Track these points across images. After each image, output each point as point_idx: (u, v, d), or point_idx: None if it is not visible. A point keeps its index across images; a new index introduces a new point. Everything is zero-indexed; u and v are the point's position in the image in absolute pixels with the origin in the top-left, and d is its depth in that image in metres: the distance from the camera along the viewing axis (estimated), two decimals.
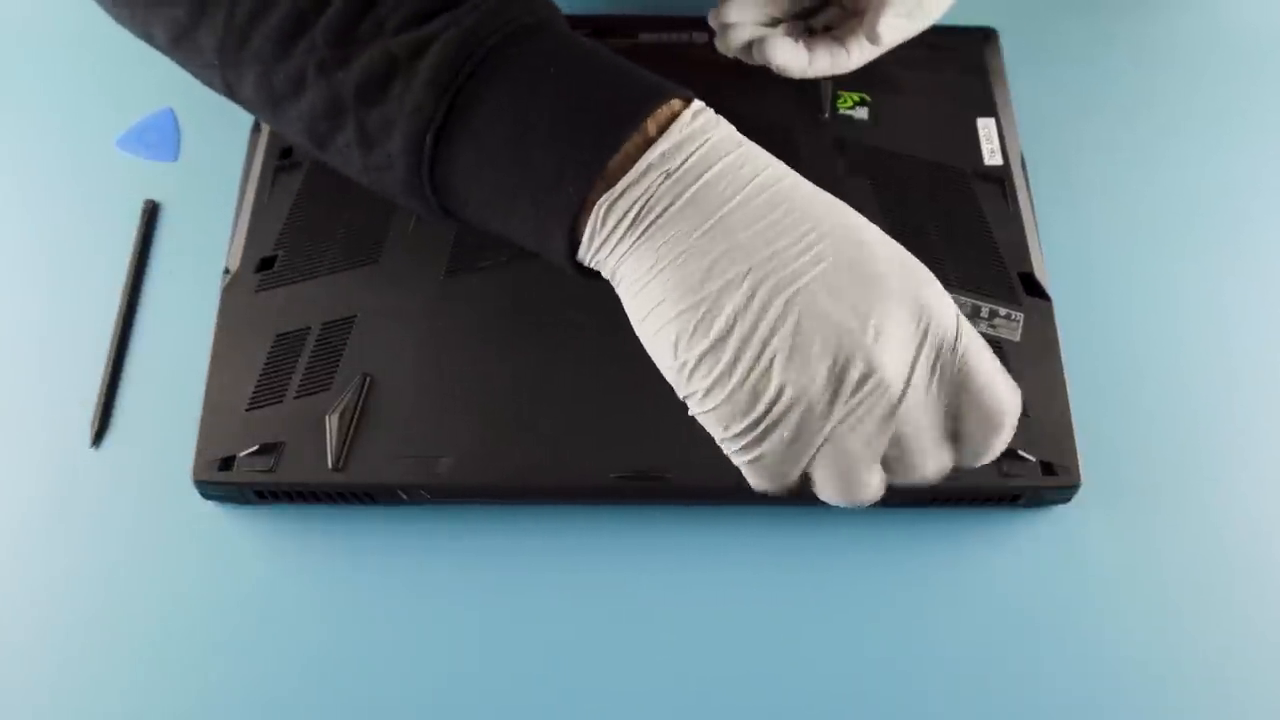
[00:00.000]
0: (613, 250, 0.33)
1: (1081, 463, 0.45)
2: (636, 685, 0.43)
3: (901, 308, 0.32)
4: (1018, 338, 0.48)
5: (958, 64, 0.55)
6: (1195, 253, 0.54)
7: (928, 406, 0.33)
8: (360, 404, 0.45)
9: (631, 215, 0.32)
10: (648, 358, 0.46)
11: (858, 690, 0.43)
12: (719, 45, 0.50)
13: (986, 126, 0.53)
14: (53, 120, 0.55)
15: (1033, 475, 0.45)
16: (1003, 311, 0.48)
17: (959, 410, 0.34)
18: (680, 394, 0.34)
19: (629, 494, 0.45)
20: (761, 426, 0.33)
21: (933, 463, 0.35)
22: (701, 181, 0.32)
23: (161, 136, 0.55)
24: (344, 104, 0.34)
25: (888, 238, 0.33)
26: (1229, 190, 0.55)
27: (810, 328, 0.31)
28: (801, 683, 0.44)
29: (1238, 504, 0.48)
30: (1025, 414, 0.45)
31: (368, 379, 0.45)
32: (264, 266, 0.48)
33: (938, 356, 0.32)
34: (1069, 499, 0.46)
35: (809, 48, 0.48)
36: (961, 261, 0.49)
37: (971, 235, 0.50)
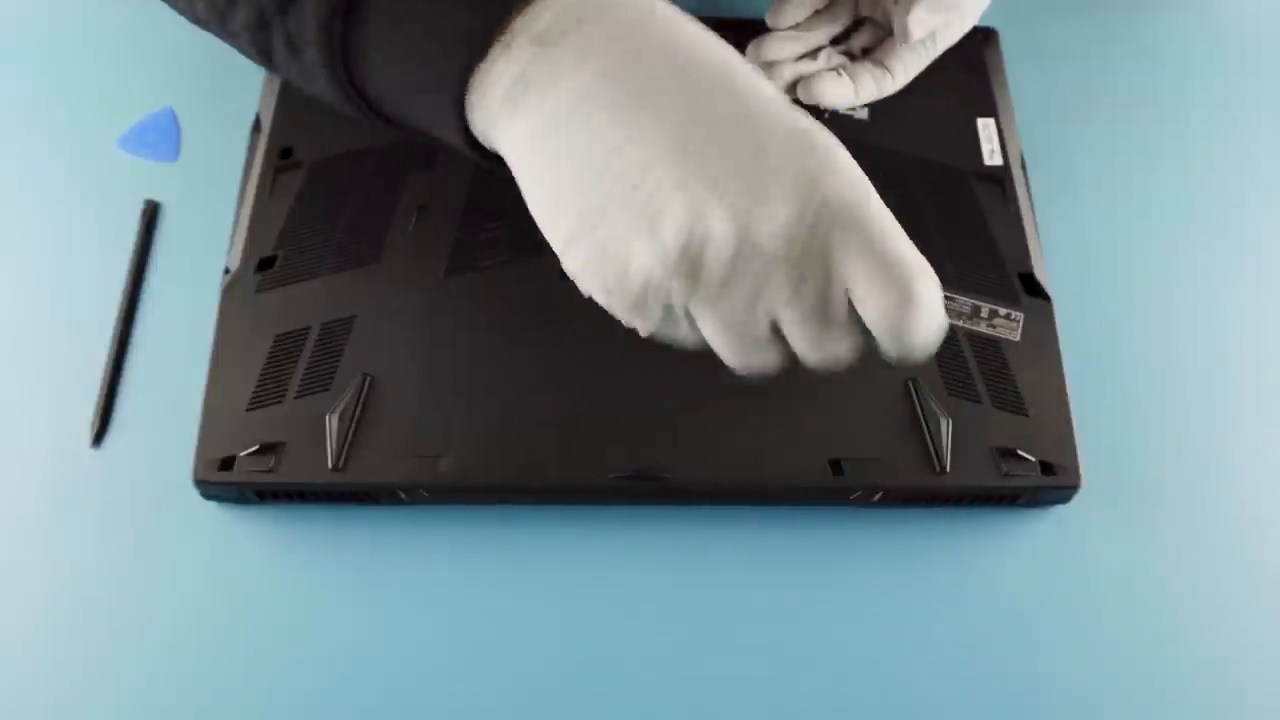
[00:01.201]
0: (500, 123, 0.33)
1: (1081, 463, 0.45)
2: (636, 685, 0.43)
3: (782, 177, 0.30)
4: (1018, 338, 0.48)
5: (958, 64, 0.55)
6: (1195, 253, 0.54)
7: (812, 281, 0.31)
8: (360, 404, 0.45)
9: (513, 90, 0.31)
10: (648, 358, 0.46)
11: (858, 690, 0.43)
12: (749, 56, 0.50)
13: (986, 126, 0.53)
14: (53, 120, 0.55)
15: (1033, 475, 0.45)
16: (1002, 311, 0.48)
17: (859, 287, 0.31)
18: (559, 252, 0.34)
19: (629, 494, 0.45)
20: (629, 303, 0.32)
21: (837, 342, 0.33)
22: (584, 48, 0.31)
23: (161, 136, 0.55)
24: (267, 14, 0.35)
25: (781, 102, 0.31)
26: (1229, 190, 0.55)
27: (674, 201, 0.30)
28: (801, 682, 0.44)
29: (1238, 504, 0.48)
30: (1025, 414, 0.46)
31: (368, 379, 0.45)
32: (264, 266, 0.48)
33: (823, 226, 0.30)
34: (1069, 499, 0.46)
35: (852, 76, 0.49)
36: (961, 261, 0.49)
37: (971, 235, 0.50)
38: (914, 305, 0.31)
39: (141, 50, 0.57)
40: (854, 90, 0.49)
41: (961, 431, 0.45)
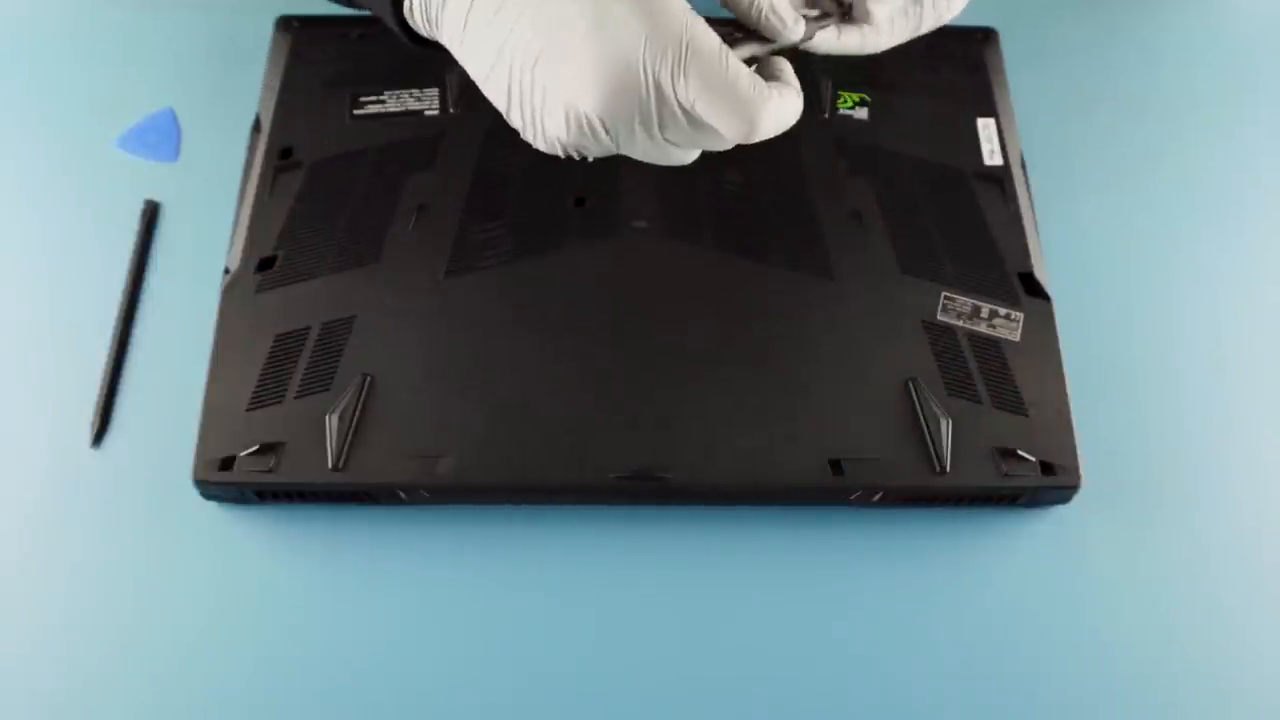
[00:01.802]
0: (436, 11, 0.38)
1: (1081, 463, 0.45)
2: (636, 684, 0.43)
3: (614, 57, 0.35)
4: (1018, 338, 0.48)
5: (958, 64, 0.56)
6: (1195, 253, 0.54)
7: (678, 123, 0.36)
8: (360, 404, 0.45)
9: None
10: (648, 359, 0.46)
11: (858, 690, 0.43)
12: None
13: (986, 126, 0.53)
14: (53, 120, 0.55)
15: (1033, 475, 0.45)
16: (1002, 311, 0.48)
17: (710, 116, 0.36)
18: None
19: (629, 494, 0.45)
20: (561, 154, 0.38)
21: (710, 142, 0.38)
22: None
23: (161, 136, 0.55)
24: None
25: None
26: (1229, 190, 0.56)
27: (554, 96, 0.36)
28: (801, 682, 0.44)
29: (1237, 504, 0.48)
30: (1025, 414, 0.46)
31: (368, 379, 0.45)
32: (264, 266, 0.48)
33: (662, 85, 0.35)
34: (1069, 499, 0.46)
35: (840, 30, 0.47)
36: (961, 261, 0.49)
37: (971, 235, 0.50)
38: (757, 127, 0.37)
39: (141, 50, 0.57)
40: (837, 32, 0.47)
41: (961, 431, 0.45)
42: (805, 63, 0.54)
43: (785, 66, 0.39)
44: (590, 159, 0.38)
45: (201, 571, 0.45)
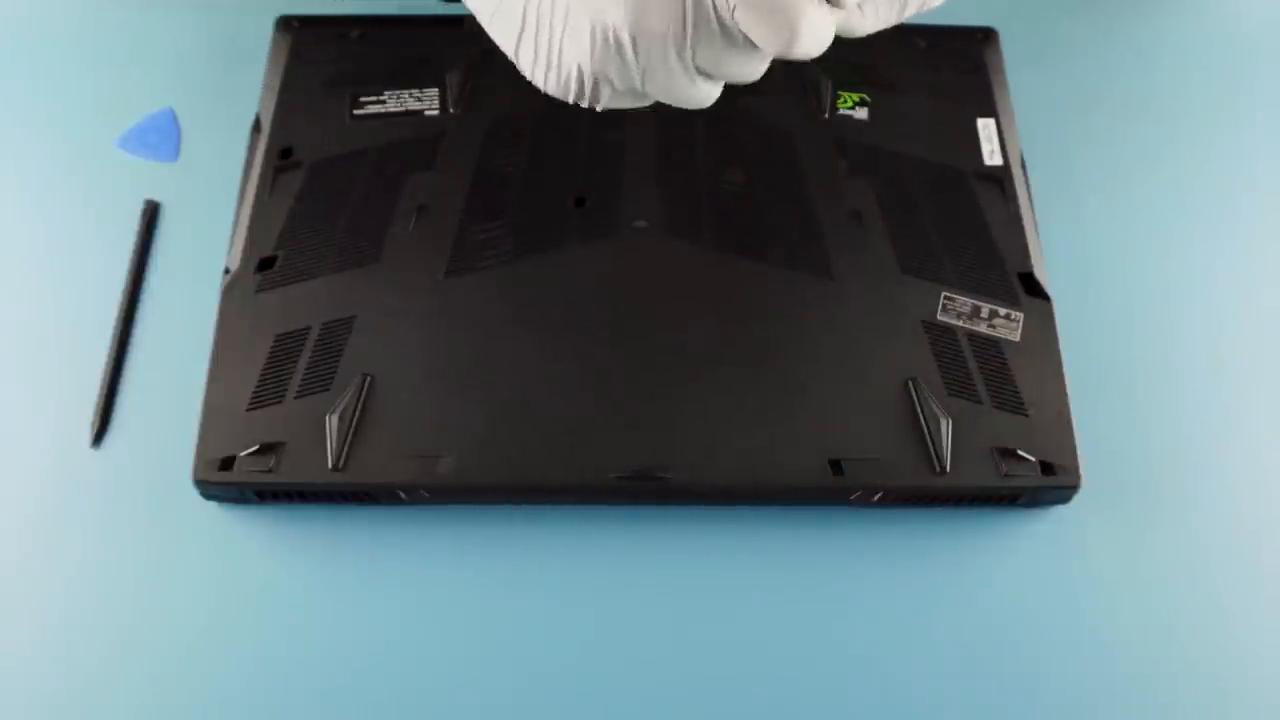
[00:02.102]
0: None
1: (1081, 463, 0.45)
2: (636, 685, 0.43)
3: None
4: (1018, 338, 0.48)
5: (958, 64, 0.56)
6: (1195, 252, 0.54)
7: (714, 37, 0.34)
8: (360, 404, 0.45)
9: None
10: (648, 358, 0.46)
11: (858, 690, 0.43)
12: None
13: (986, 126, 0.53)
14: (53, 120, 0.55)
15: (1033, 475, 0.45)
16: (1002, 311, 0.48)
17: (748, 26, 0.34)
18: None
19: (629, 494, 0.45)
20: (587, 100, 0.36)
21: (748, 65, 0.36)
22: None
23: (161, 136, 0.55)
24: None
25: None
26: (1229, 190, 0.55)
27: (579, 15, 0.34)
28: (801, 682, 0.44)
29: (1237, 504, 0.48)
30: (1025, 414, 0.46)
31: (368, 379, 0.45)
32: (264, 266, 0.48)
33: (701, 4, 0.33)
34: (1069, 499, 0.46)
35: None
36: (961, 261, 0.49)
37: (971, 235, 0.50)
38: (798, 42, 0.34)
39: (141, 50, 0.57)
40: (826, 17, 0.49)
41: (961, 431, 0.45)
42: (803, 63, 0.55)
43: None
44: (599, 107, 0.37)
45: (201, 571, 0.45)
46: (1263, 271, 0.53)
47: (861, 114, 0.53)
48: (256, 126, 0.52)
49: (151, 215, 0.52)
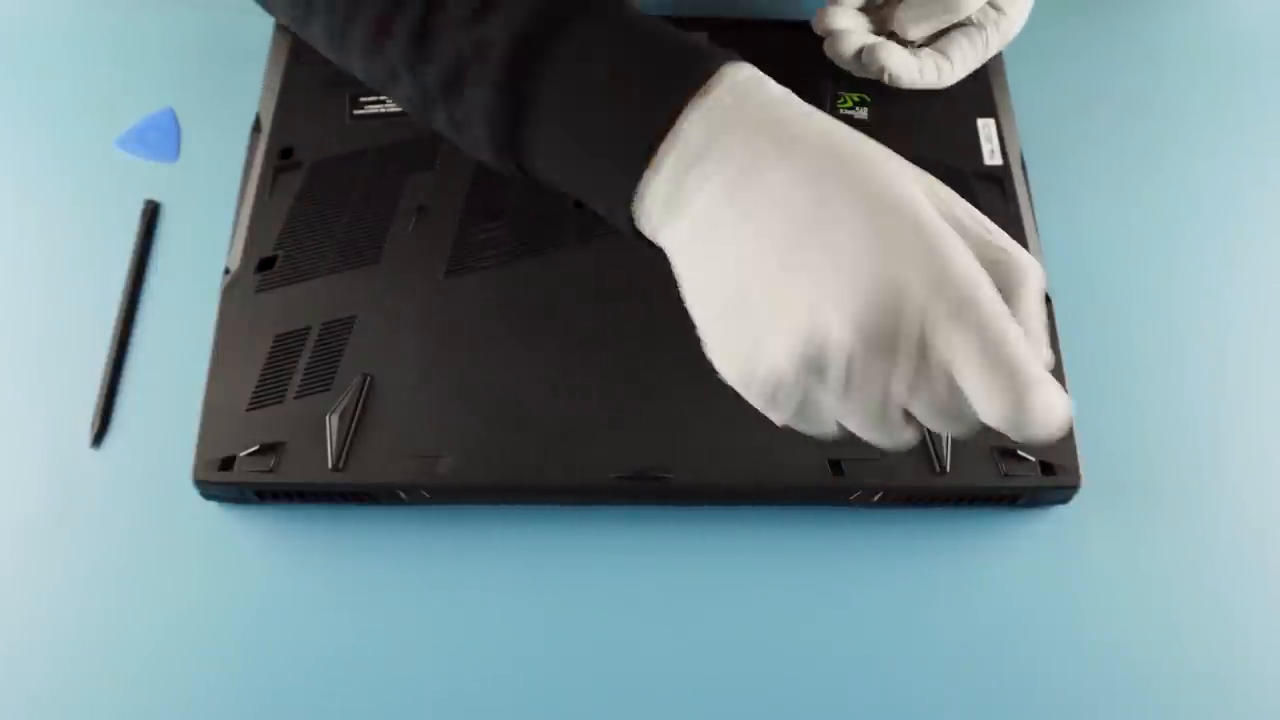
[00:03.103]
0: (657, 227, 0.34)
1: (1081, 463, 0.45)
2: (636, 684, 0.43)
3: (889, 284, 0.30)
4: None
5: None
6: (1195, 252, 0.54)
7: (930, 379, 0.31)
8: (360, 404, 0.45)
9: (665, 201, 0.33)
10: (648, 358, 0.46)
11: (858, 690, 0.43)
12: (828, 51, 0.53)
13: (986, 126, 0.53)
14: (53, 120, 0.55)
15: (1033, 475, 0.45)
16: None
17: (972, 392, 0.31)
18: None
19: (629, 494, 0.45)
20: (765, 399, 0.33)
21: (956, 422, 0.32)
22: (724, 160, 0.32)
23: (161, 136, 0.55)
24: (433, 97, 0.37)
25: (902, 199, 0.31)
26: (1229, 189, 0.56)
27: (798, 309, 0.31)
28: (801, 682, 0.44)
29: (1238, 504, 0.48)
30: None
31: (368, 379, 0.45)
32: (264, 266, 0.48)
33: (932, 330, 0.30)
34: (1069, 499, 0.46)
35: (918, 56, 0.51)
36: None
37: None
38: (1026, 414, 0.30)
39: (141, 50, 0.57)
40: (918, 68, 0.51)
41: None
42: (804, 63, 0.55)
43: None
44: (781, 420, 0.33)
45: (201, 571, 0.45)
46: (1264, 271, 0.53)
47: (862, 114, 0.53)
48: (256, 126, 0.52)
49: (151, 215, 0.52)
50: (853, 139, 0.33)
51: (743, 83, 0.33)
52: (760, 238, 0.31)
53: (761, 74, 0.34)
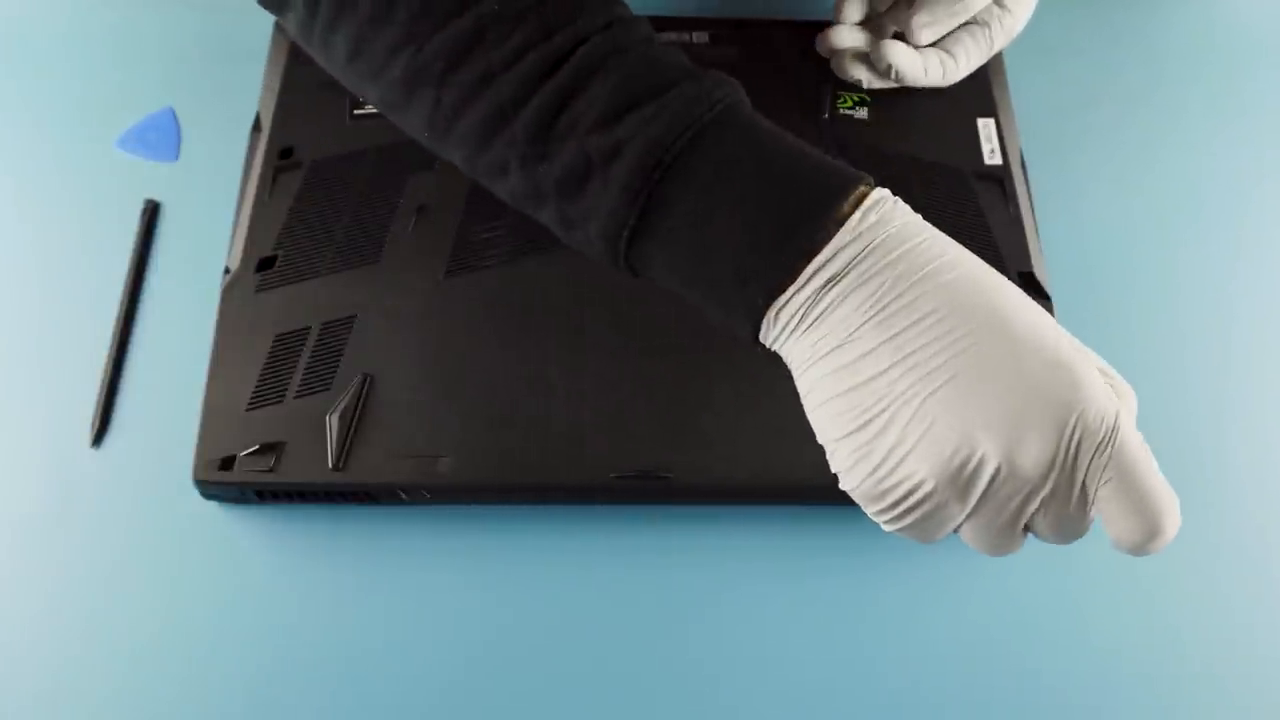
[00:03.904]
0: (785, 340, 0.35)
1: None
2: (636, 684, 0.43)
3: (1042, 412, 0.32)
4: None
5: None
6: (1196, 252, 0.54)
7: (1067, 501, 0.33)
8: (360, 404, 0.45)
9: (799, 315, 0.34)
10: (649, 359, 0.46)
11: (858, 689, 0.43)
12: (836, 70, 0.53)
13: (986, 126, 0.53)
14: (53, 120, 0.55)
15: None
16: None
17: (1108, 514, 0.33)
18: (832, 468, 0.35)
19: (629, 494, 0.45)
20: (897, 511, 0.34)
21: (1074, 536, 0.35)
22: (865, 281, 0.33)
23: (161, 136, 0.55)
24: (545, 193, 0.37)
25: (1044, 331, 0.34)
26: (1229, 189, 0.56)
27: (946, 428, 0.32)
28: (801, 681, 0.44)
29: (1238, 504, 0.48)
30: None
31: (368, 379, 0.45)
32: (264, 266, 0.48)
33: (1079, 456, 0.32)
34: None
35: (923, 56, 0.52)
36: None
37: (971, 235, 0.50)
38: (1157, 539, 0.33)
39: (141, 50, 0.57)
40: (924, 66, 0.51)
41: None
42: (804, 63, 0.55)
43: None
44: (894, 527, 0.34)
45: (201, 571, 0.45)
46: (1265, 268, 0.53)
47: (861, 114, 0.53)
48: (256, 126, 0.52)
49: (151, 215, 0.52)
50: (989, 272, 0.34)
51: (880, 203, 0.34)
52: (906, 359, 0.32)
53: (892, 194, 0.35)
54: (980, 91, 0.54)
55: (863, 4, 0.53)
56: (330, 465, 0.44)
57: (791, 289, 0.34)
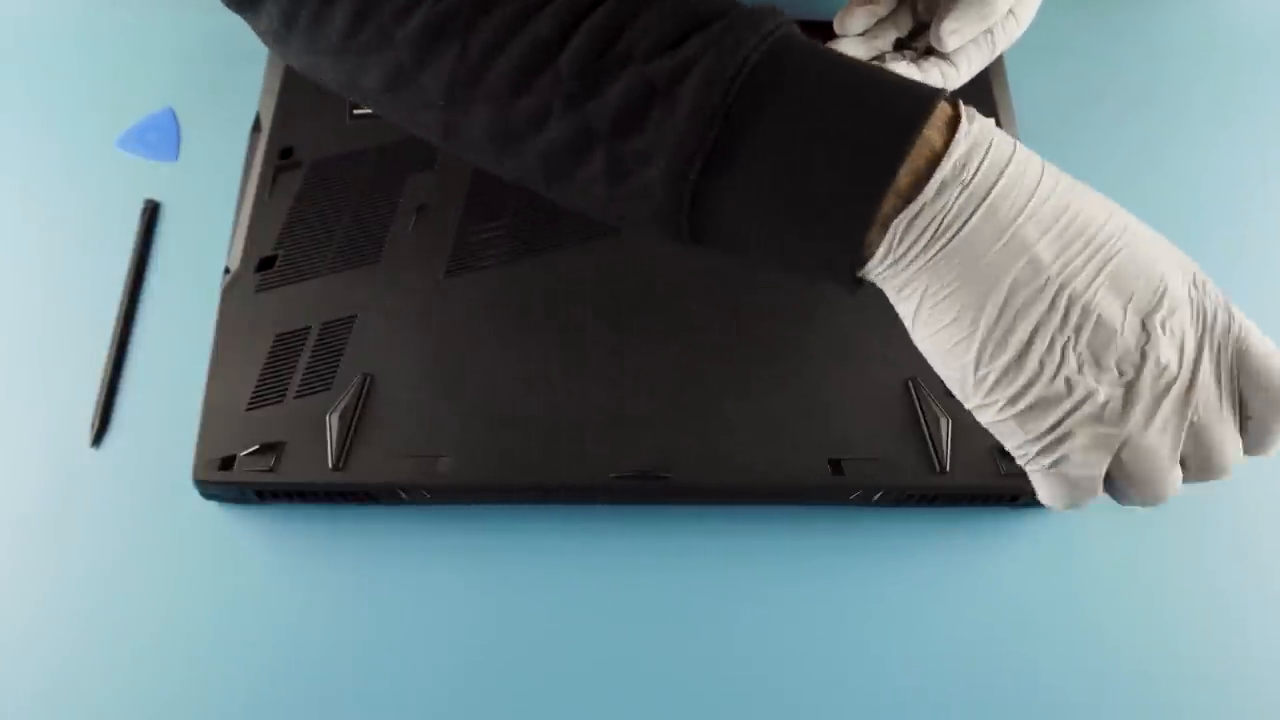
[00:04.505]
0: (907, 266, 0.32)
1: None
2: (636, 683, 0.43)
3: (1182, 301, 0.33)
4: None
5: None
6: (1196, 251, 0.53)
7: (1215, 390, 0.33)
8: (360, 404, 0.45)
9: (931, 232, 0.31)
10: (648, 358, 0.46)
11: (858, 689, 0.43)
12: None
13: None
14: (53, 120, 0.55)
15: None
16: None
17: (1242, 394, 0.34)
18: (972, 404, 0.34)
19: (629, 494, 0.45)
20: (1061, 429, 0.33)
21: (1228, 451, 0.35)
22: (994, 193, 0.32)
23: (161, 136, 0.55)
24: (596, 135, 0.33)
25: (1151, 231, 0.35)
26: (1230, 188, 0.55)
27: (1104, 333, 0.32)
28: (801, 681, 0.44)
29: (1238, 504, 0.48)
30: None
31: (368, 379, 0.45)
32: (264, 266, 0.48)
33: (1216, 340, 0.33)
34: None
35: (920, 69, 0.50)
36: None
37: None
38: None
39: (141, 50, 0.57)
40: (922, 79, 0.50)
41: (961, 431, 0.45)
42: None
43: None
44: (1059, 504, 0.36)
45: (201, 571, 0.45)
46: (1266, 267, 0.53)
47: None
48: (256, 126, 0.52)
49: (151, 215, 0.52)
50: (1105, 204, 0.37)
51: (970, 111, 0.33)
52: (1052, 247, 0.32)
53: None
54: (980, 91, 0.54)
55: (865, 16, 0.53)
56: (330, 465, 0.44)
57: (920, 197, 0.31)
